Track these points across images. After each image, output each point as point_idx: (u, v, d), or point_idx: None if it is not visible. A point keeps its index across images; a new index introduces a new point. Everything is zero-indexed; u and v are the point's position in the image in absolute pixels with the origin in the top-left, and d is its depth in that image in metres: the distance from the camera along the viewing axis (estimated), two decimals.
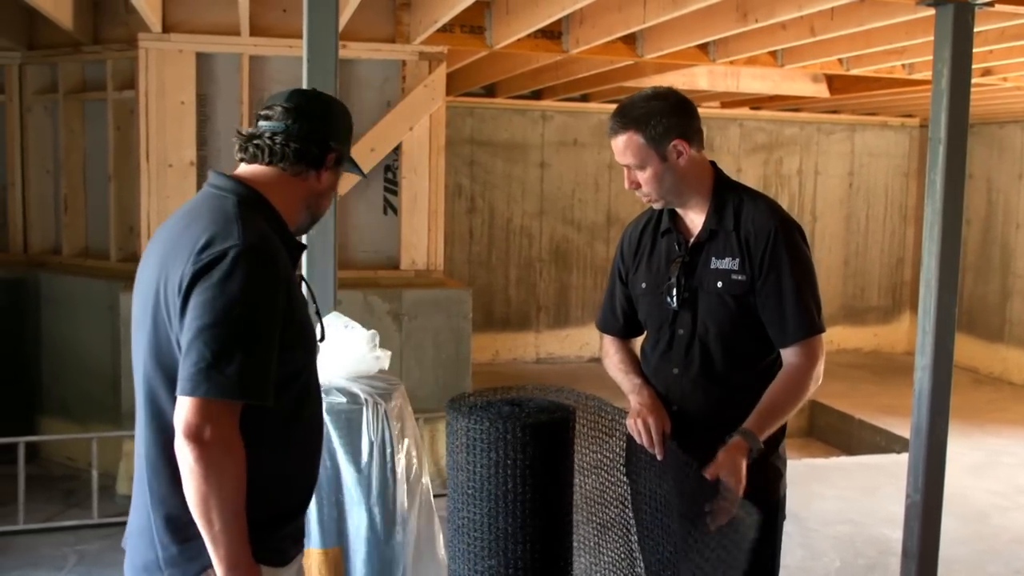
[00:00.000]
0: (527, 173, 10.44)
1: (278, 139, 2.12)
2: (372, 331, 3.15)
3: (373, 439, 3.06)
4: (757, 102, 10.06)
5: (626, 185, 2.67)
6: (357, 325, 3.14)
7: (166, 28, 5.79)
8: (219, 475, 1.89)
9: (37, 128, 6.81)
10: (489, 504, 2.39)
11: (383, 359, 3.21)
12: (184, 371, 1.90)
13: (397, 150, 6.23)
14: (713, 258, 2.62)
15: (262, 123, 2.16)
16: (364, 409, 3.06)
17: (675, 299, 2.64)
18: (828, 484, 6.39)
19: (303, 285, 2.21)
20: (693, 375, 2.64)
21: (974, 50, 4.15)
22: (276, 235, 2.06)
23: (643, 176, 2.62)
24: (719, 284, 2.60)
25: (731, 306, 2.59)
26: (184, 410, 1.89)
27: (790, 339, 2.57)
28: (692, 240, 2.68)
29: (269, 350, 1.95)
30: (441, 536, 3.49)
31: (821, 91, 8.45)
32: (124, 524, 2.22)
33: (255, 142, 2.14)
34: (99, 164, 6.55)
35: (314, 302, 2.31)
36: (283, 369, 2.01)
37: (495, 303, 10.35)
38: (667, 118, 2.57)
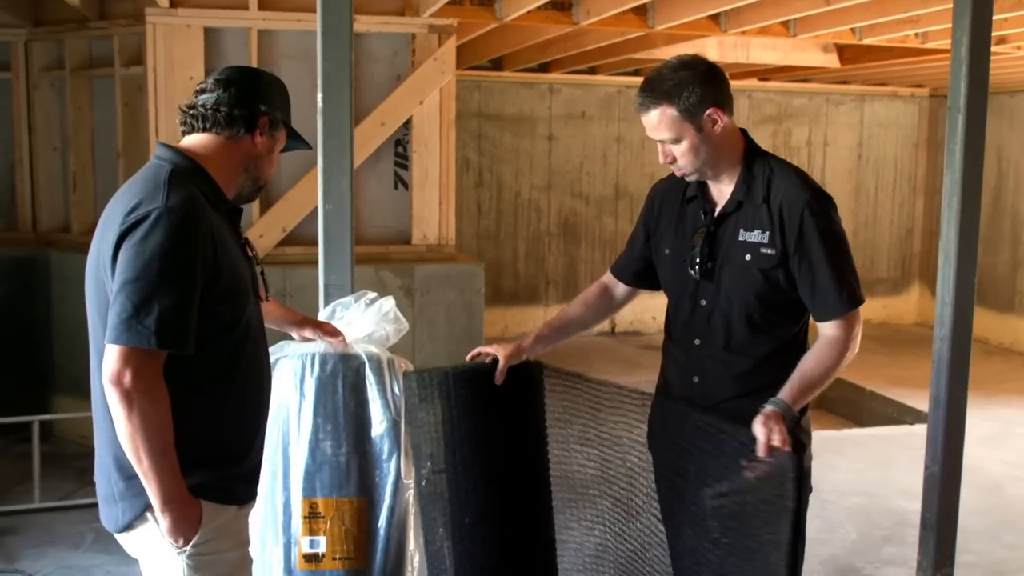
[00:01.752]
0: (535, 146, 10.39)
1: (210, 106, 2.33)
2: (389, 296, 3.16)
3: (399, 392, 3.07)
4: (766, 73, 9.99)
5: (661, 160, 2.60)
6: (375, 294, 3.16)
7: (174, 3, 5.75)
8: (141, 416, 2.09)
9: (44, 105, 6.77)
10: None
11: (403, 325, 3.23)
12: (110, 322, 2.11)
13: (407, 124, 6.19)
14: (741, 230, 2.57)
15: (199, 96, 2.37)
16: (393, 362, 3.08)
17: (697, 270, 2.60)
18: (841, 456, 6.39)
19: (246, 247, 2.42)
20: (715, 347, 2.62)
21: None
22: (208, 199, 2.25)
23: (679, 149, 2.55)
24: (747, 257, 2.55)
25: (758, 279, 2.55)
26: (109, 358, 2.11)
27: (831, 314, 2.53)
28: (718, 210, 2.62)
29: (187, 303, 2.13)
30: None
31: (831, 61, 8.38)
32: None
33: (191, 112, 2.35)
34: (107, 141, 6.52)
35: (258, 263, 2.47)
36: (212, 322, 2.21)
37: (504, 277, 10.33)
38: (699, 87, 2.50)
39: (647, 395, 2.71)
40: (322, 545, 3.07)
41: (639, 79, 10.24)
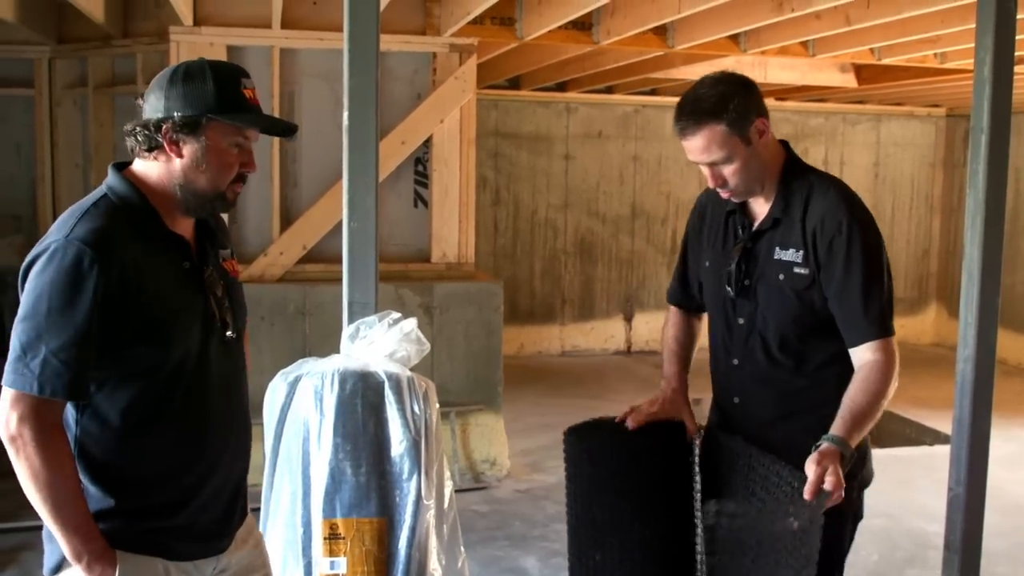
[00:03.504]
0: (552, 165, 10.41)
1: (129, 130, 2.13)
2: (412, 317, 3.16)
3: (419, 412, 3.06)
4: (783, 93, 9.99)
5: (711, 184, 2.47)
6: (399, 314, 3.15)
7: (197, 21, 5.79)
8: (28, 466, 1.94)
9: (67, 122, 6.83)
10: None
11: (425, 346, 3.22)
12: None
13: (427, 143, 6.21)
14: (777, 248, 2.47)
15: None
16: (414, 380, 3.07)
17: (733, 287, 2.50)
18: None
19: (203, 277, 2.17)
20: (752, 367, 2.52)
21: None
22: (137, 228, 2.05)
23: (730, 169, 2.42)
24: (781, 276, 2.45)
25: (792, 300, 2.45)
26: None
27: (861, 339, 2.40)
28: (755, 226, 2.52)
29: (77, 347, 1.94)
30: (459, 527, 3.55)
31: (849, 81, 8.40)
32: None
33: (127, 138, 2.15)
34: (128, 158, 6.54)
35: (229, 292, 2.25)
36: (129, 363, 2.03)
37: (520, 296, 10.33)
38: (742, 98, 2.40)
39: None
40: (342, 566, 3.05)
41: (656, 98, 10.40)
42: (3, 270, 6.36)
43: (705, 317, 2.79)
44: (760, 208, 2.53)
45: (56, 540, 2.03)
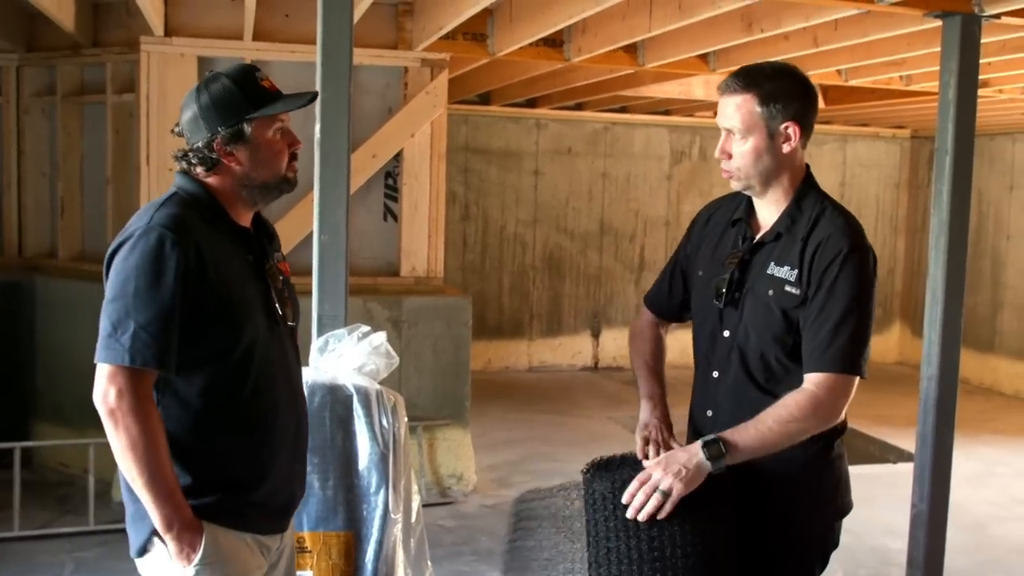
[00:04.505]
0: (521, 181, 10.44)
1: (180, 156, 2.32)
2: (381, 331, 3.17)
3: (387, 425, 3.07)
4: None
5: (716, 153, 2.46)
6: (368, 328, 3.16)
7: (168, 32, 5.77)
8: (126, 436, 2.09)
9: (34, 130, 6.77)
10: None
11: (394, 359, 3.22)
12: (98, 341, 2.14)
13: (398, 157, 6.21)
14: (772, 263, 2.42)
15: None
16: (382, 394, 3.08)
17: (722, 298, 2.46)
18: None
19: (264, 269, 2.36)
20: (729, 381, 2.47)
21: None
22: (206, 220, 2.25)
23: (740, 147, 2.40)
24: (770, 292, 2.40)
25: (777, 318, 2.39)
26: (96, 377, 2.12)
27: (816, 366, 2.33)
28: (757, 237, 2.49)
29: (163, 320, 2.11)
30: (426, 542, 3.53)
31: None
32: (121, 531, 2.38)
33: (181, 163, 2.34)
34: (96, 167, 6.51)
35: (282, 286, 2.41)
36: (205, 344, 2.19)
37: (488, 311, 10.33)
38: (792, 98, 2.38)
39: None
40: None
41: (626, 116, 10.45)
42: None
43: (672, 328, 2.78)
44: (766, 221, 2.50)
45: (144, 518, 2.18)
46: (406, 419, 3.52)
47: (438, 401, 6.15)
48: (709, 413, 2.52)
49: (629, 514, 2.23)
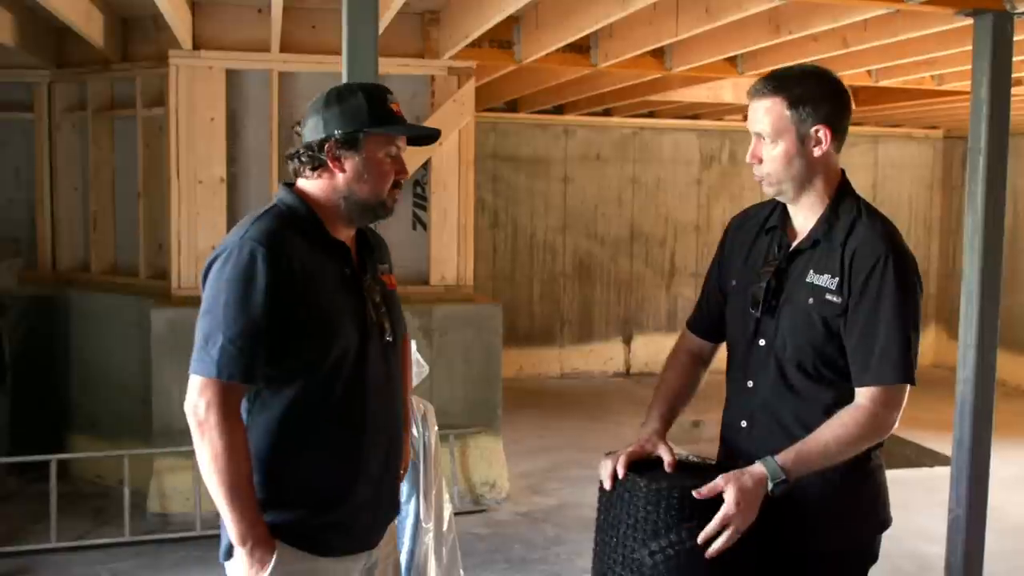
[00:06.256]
0: (550, 188, 10.43)
1: (292, 153, 2.34)
2: (412, 341, 3.16)
3: (417, 434, 3.07)
4: None
5: (748, 158, 2.42)
6: None
7: (196, 45, 5.81)
8: (210, 447, 2.12)
9: (66, 146, 6.83)
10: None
11: (424, 368, 3.22)
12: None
13: (426, 165, 6.22)
14: (812, 271, 2.36)
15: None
16: (413, 403, 3.08)
17: (759, 307, 2.41)
18: None
19: (362, 283, 2.33)
20: (765, 392, 2.40)
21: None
22: (304, 233, 2.25)
23: (771, 151, 2.36)
24: (810, 300, 2.34)
25: (817, 327, 2.33)
26: (188, 388, 2.16)
27: (870, 379, 2.28)
28: (793, 245, 2.43)
29: (251, 333, 2.12)
30: (458, 550, 3.50)
31: None
32: (156, 542, 2.45)
33: (290, 162, 2.37)
34: (128, 181, 6.57)
35: (386, 300, 2.41)
36: (294, 358, 2.19)
37: (519, 318, 10.33)
38: (822, 101, 2.34)
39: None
40: None
41: (654, 121, 10.41)
42: (1, 293, 6.37)
43: (715, 355, 2.70)
44: (802, 228, 2.44)
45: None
46: (436, 428, 3.52)
47: (470, 409, 6.14)
48: (744, 424, 2.46)
49: (709, 553, 2.19)
